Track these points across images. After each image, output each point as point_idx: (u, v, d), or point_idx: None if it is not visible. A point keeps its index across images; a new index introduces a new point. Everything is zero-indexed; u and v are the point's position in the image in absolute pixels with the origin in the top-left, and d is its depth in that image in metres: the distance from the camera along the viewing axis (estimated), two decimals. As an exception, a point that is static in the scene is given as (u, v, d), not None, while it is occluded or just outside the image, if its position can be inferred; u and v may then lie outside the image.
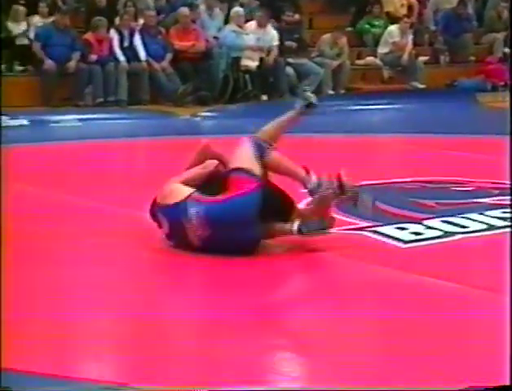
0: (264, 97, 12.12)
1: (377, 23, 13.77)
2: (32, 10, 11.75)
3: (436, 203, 5.65)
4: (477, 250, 4.73)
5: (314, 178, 4.76)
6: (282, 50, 12.36)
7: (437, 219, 5.20)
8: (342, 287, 4.13)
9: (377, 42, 13.51)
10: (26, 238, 4.87)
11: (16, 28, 11.41)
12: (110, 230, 5.02)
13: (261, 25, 12.15)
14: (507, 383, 2.98)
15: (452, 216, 5.26)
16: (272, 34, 12.25)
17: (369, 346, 3.50)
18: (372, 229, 5.05)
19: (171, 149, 7.47)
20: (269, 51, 12.14)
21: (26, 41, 11.36)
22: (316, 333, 3.55)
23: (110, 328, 3.62)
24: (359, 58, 13.55)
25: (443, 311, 3.75)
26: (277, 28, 12.53)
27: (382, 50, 13.32)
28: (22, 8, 11.54)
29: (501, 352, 3.16)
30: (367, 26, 13.80)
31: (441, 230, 4.99)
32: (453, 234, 4.95)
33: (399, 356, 3.29)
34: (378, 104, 11.68)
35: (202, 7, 12.52)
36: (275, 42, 12.22)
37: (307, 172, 4.82)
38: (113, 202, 5.74)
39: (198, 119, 10.76)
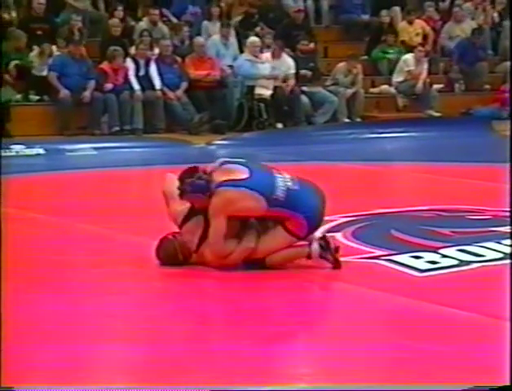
0: (279, 125, 12.14)
1: (391, 51, 13.80)
2: (49, 40, 11.84)
3: (452, 231, 5.62)
4: (494, 279, 4.69)
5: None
6: (297, 78, 12.40)
7: (453, 248, 5.17)
8: (355, 316, 4.11)
9: (391, 71, 13.53)
10: (38, 266, 4.88)
11: (40, 61, 11.47)
12: (123, 258, 5.01)
13: (275, 57, 12.22)
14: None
15: (468, 245, 5.22)
16: (288, 63, 12.30)
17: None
18: (388, 257, 5.03)
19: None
20: (285, 80, 12.19)
21: (45, 73, 11.42)
22: (325, 358, 3.52)
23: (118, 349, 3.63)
24: (373, 86, 13.56)
25: (457, 340, 3.72)
26: (292, 57, 12.58)
27: (397, 78, 13.34)
28: (48, 47, 11.58)
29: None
30: (381, 54, 13.84)
31: (457, 259, 4.96)
32: (469, 263, 4.91)
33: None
34: (393, 132, 11.67)
35: (217, 37, 12.61)
36: (292, 71, 12.27)
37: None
38: (128, 230, 5.74)
39: (213, 147, 10.79)
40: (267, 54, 12.26)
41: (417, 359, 3.47)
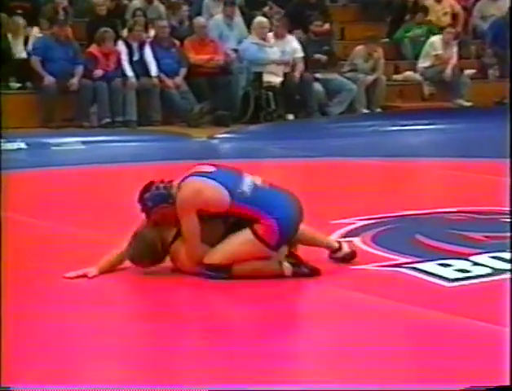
0: (290, 116, 12.17)
1: (418, 31, 13.78)
2: (31, 21, 11.89)
3: (485, 236, 5.64)
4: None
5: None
6: (310, 64, 12.43)
7: (486, 254, 5.19)
8: (376, 331, 4.13)
9: (417, 55, 13.54)
10: (21, 274, 4.92)
11: (15, 41, 11.53)
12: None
13: (278, 36, 12.23)
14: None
15: (502, 251, 5.23)
16: (294, 44, 12.32)
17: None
18: (412, 265, 5.04)
19: (185, 175, 7.53)
20: (293, 65, 12.22)
21: (24, 55, 11.48)
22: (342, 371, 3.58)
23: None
24: (396, 72, 13.58)
25: (487, 357, 3.74)
26: (304, 40, 12.60)
27: (423, 63, 13.35)
28: (22, 20, 11.66)
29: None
30: (406, 35, 13.83)
31: (490, 268, 4.98)
32: (504, 271, 4.93)
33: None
34: (418, 124, 11.68)
35: (220, 17, 12.64)
36: (300, 54, 12.29)
37: None
38: (120, 235, 5.76)
39: (216, 141, 10.82)
40: (270, 35, 12.25)
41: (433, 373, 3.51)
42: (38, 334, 4.07)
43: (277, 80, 12.11)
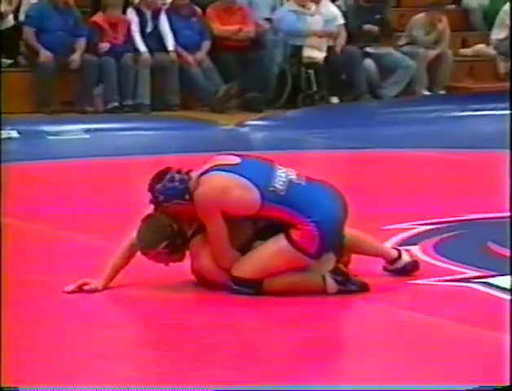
0: (334, 100, 12.15)
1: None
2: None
3: None
4: None
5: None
6: (359, 36, 12.40)
7: None
8: (441, 360, 4.10)
9: (489, 25, 13.46)
10: (14, 285, 4.94)
11: (3, 8, 11.61)
12: (118, 280, 5.06)
13: (313, 1, 12.18)
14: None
15: None
16: (333, 11, 12.26)
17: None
18: (484, 280, 5.01)
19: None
20: (335, 37, 12.18)
21: (11, 22, 11.52)
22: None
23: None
24: (464, 46, 13.51)
25: None
26: (352, 7, 12.58)
27: (497, 34, 13.27)
28: None
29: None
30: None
31: None
32: None
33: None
34: (491, 109, 11.62)
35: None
36: (340, 21, 12.22)
37: None
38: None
39: (245, 129, 10.81)
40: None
41: None
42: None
43: (320, 55, 12.09)
